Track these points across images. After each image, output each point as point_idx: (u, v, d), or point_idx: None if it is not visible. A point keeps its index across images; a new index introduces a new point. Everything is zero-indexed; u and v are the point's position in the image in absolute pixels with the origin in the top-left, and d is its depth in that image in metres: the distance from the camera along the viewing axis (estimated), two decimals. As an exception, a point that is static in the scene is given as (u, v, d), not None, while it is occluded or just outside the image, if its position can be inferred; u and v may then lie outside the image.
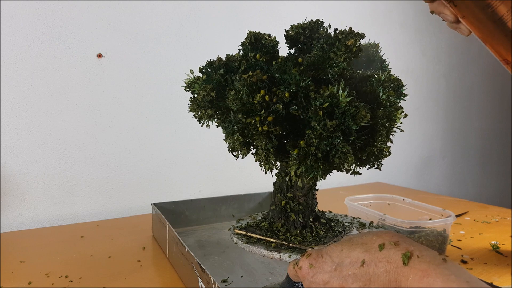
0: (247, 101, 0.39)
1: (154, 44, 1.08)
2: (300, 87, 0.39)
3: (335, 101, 0.36)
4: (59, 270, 0.65)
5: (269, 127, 0.39)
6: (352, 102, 0.36)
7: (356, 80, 0.41)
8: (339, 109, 0.36)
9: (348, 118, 0.36)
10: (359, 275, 0.33)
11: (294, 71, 0.39)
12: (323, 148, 0.38)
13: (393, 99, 0.40)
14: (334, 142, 0.37)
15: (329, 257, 0.36)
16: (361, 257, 0.34)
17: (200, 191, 1.17)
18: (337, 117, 0.37)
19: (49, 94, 0.95)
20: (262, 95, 0.39)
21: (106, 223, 0.94)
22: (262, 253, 0.45)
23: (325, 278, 0.35)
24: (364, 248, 0.35)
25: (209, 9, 1.15)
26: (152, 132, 1.09)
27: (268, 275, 0.64)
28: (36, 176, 0.95)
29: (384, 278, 0.32)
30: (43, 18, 0.93)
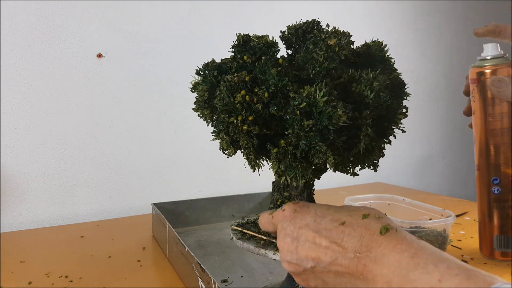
0: (228, 101, 0.41)
1: (154, 44, 1.08)
2: (279, 87, 0.40)
3: (312, 101, 0.37)
4: (59, 270, 0.65)
5: (249, 127, 0.40)
6: (329, 102, 0.36)
7: (346, 80, 0.40)
8: (316, 108, 0.37)
9: (325, 118, 0.36)
10: (334, 232, 0.34)
11: (272, 71, 0.40)
12: (302, 148, 0.38)
13: (385, 99, 0.39)
14: (312, 142, 0.38)
15: (314, 210, 0.37)
16: (343, 218, 0.35)
17: (200, 191, 1.17)
18: (314, 117, 0.37)
19: (49, 94, 0.95)
20: (243, 95, 0.40)
21: (106, 223, 0.94)
22: (250, 248, 0.45)
23: (302, 224, 0.36)
24: (348, 213, 0.35)
25: (209, 9, 1.15)
26: (152, 132, 1.09)
27: (268, 275, 0.64)
28: (36, 176, 0.95)
29: (356, 241, 0.32)
30: (43, 18, 0.93)
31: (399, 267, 0.29)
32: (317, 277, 0.35)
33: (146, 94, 1.07)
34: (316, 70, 0.40)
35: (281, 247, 0.38)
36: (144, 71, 1.07)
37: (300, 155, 0.39)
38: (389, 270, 0.29)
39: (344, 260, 0.32)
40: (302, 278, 0.37)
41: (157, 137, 1.10)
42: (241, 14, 1.20)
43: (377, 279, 0.30)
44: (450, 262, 0.28)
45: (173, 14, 1.10)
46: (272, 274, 0.64)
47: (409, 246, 0.30)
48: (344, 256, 0.32)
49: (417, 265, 0.28)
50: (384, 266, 0.30)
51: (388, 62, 0.44)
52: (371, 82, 0.38)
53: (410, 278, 0.28)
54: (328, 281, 0.34)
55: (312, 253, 0.34)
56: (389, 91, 0.40)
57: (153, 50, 1.08)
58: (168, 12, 1.09)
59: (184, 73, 1.12)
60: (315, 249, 0.34)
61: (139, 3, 1.05)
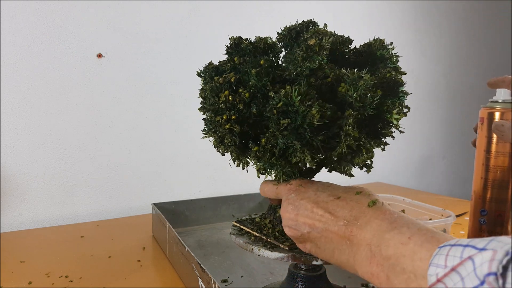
0: (213, 101, 0.43)
1: (154, 44, 1.08)
2: (258, 87, 0.41)
3: (289, 101, 0.38)
4: (59, 270, 0.65)
5: (231, 125, 0.42)
6: (304, 102, 0.37)
7: (333, 79, 0.40)
8: (292, 108, 0.38)
9: (300, 117, 0.37)
10: (330, 204, 0.39)
11: (252, 72, 0.41)
12: (280, 146, 0.40)
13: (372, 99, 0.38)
14: (288, 141, 0.39)
15: (316, 186, 0.42)
16: (339, 194, 0.40)
17: (200, 191, 1.17)
18: (290, 116, 0.38)
19: (49, 94, 0.95)
20: (226, 95, 0.42)
21: (106, 223, 0.94)
22: (240, 244, 0.47)
23: (304, 196, 0.41)
24: (344, 190, 0.41)
25: (209, 9, 1.15)
26: (152, 132, 1.09)
27: (268, 275, 0.64)
28: (36, 176, 0.95)
29: (347, 212, 0.37)
30: (43, 18, 0.93)
31: (379, 231, 0.33)
32: (312, 241, 0.40)
33: (146, 94, 1.07)
34: (297, 70, 0.40)
35: (283, 214, 0.42)
36: (144, 71, 1.07)
37: (278, 153, 0.41)
38: (371, 233, 0.34)
39: (335, 227, 0.37)
40: (299, 241, 0.41)
41: (157, 137, 1.10)
42: (241, 14, 1.20)
43: (360, 242, 0.34)
44: (421, 226, 0.32)
45: (173, 14, 1.10)
46: (272, 274, 0.64)
47: (390, 215, 0.35)
48: (335, 224, 0.37)
49: (394, 228, 0.33)
50: (367, 231, 0.34)
51: (389, 60, 0.43)
52: (356, 81, 0.38)
53: (385, 237, 0.32)
54: (320, 246, 0.39)
55: (309, 220, 0.39)
56: (382, 90, 0.40)
57: (153, 50, 1.08)
58: (168, 12, 1.09)
59: (184, 73, 1.12)
60: (311, 217, 0.39)
61: (139, 3, 1.05)
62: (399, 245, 0.31)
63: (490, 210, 0.67)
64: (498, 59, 1.99)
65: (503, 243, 0.23)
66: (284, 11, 1.28)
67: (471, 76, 1.89)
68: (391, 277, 0.31)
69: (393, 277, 0.30)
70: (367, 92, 0.38)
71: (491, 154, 0.67)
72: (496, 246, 0.23)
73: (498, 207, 0.66)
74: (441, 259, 0.26)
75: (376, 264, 0.32)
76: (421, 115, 1.70)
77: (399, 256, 0.30)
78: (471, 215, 0.70)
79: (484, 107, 0.68)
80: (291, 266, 0.50)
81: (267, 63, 0.42)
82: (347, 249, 0.36)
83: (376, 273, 0.32)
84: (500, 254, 0.22)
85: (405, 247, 0.30)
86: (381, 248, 0.32)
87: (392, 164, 1.61)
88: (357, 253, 0.35)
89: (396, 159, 1.62)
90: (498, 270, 0.21)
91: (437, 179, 1.80)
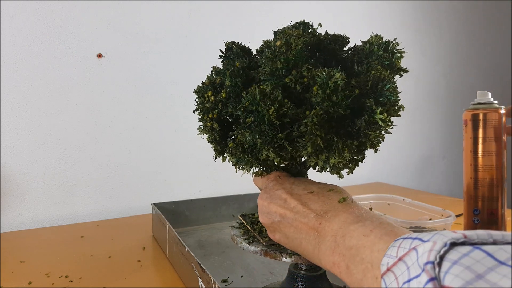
0: (200, 101, 0.47)
1: (154, 44, 1.08)
2: (232, 87, 0.45)
3: (253, 99, 0.40)
4: (59, 270, 0.65)
5: (212, 123, 0.45)
6: (265, 100, 0.40)
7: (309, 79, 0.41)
8: (256, 107, 0.40)
9: (260, 115, 0.40)
10: (303, 197, 0.41)
11: (227, 73, 0.45)
12: (249, 143, 0.42)
13: (341, 98, 0.37)
14: (254, 138, 0.41)
15: (292, 180, 0.45)
16: (313, 189, 0.42)
17: (200, 191, 1.17)
18: (254, 114, 0.41)
19: (49, 94, 0.95)
20: (208, 96, 0.46)
21: (106, 223, 0.94)
22: (230, 235, 0.50)
23: (279, 187, 0.44)
24: (318, 186, 0.43)
25: (209, 9, 1.15)
26: (152, 132, 1.09)
27: (268, 275, 0.64)
28: (36, 176, 0.95)
29: (318, 206, 0.39)
30: (43, 18, 0.93)
31: (345, 223, 0.36)
32: (281, 230, 0.42)
33: (146, 94, 1.07)
34: (267, 70, 0.42)
35: (259, 201, 0.45)
36: (144, 71, 1.07)
37: (248, 150, 0.43)
38: (337, 225, 0.36)
39: (305, 219, 0.39)
40: (270, 230, 0.44)
41: (157, 137, 1.10)
42: (241, 15, 1.20)
43: (327, 233, 0.36)
44: (383, 221, 0.34)
45: (173, 14, 1.10)
46: (272, 274, 0.64)
47: (358, 210, 0.37)
48: (305, 215, 0.39)
49: (358, 221, 0.35)
50: (335, 223, 0.36)
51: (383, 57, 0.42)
52: (326, 80, 0.37)
53: (349, 228, 0.34)
54: (289, 235, 0.41)
55: (281, 209, 0.42)
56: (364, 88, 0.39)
57: (153, 50, 1.08)
58: (168, 12, 1.09)
59: (184, 73, 1.12)
60: (284, 206, 0.41)
61: (139, 3, 1.05)
62: (361, 237, 0.33)
63: (483, 209, 0.69)
64: (498, 59, 1.98)
65: (444, 236, 0.24)
66: (284, 11, 1.28)
67: (471, 76, 1.89)
68: (351, 266, 0.32)
69: (352, 267, 0.32)
70: (338, 92, 0.37)
71: (477, 154, 0.69)
72: (437, 238, 0.25)
73: (490, 205, 0.68)
74: (393, 251, 0.28)
75: (338, 254, 0.34)
76: (421, 115, 1.70)
77: (360, 247, 0.32)
78: (465, 215, 0.71)
79: (467, 109, 0.72)
80: (291, 266, 0.50)
81: (242, 65, 0.45)
82: (314, 240, 0.38)
83: (337, 262, 0.34)
84: (438, 245, 0.24)
85: (366, 239, 0.32)
86: (345, 238, 0.34)
87: (392, 164, 1.61)
88: (322, 243, 0.37)
89: (396, 159, 1.62)
90: (435, 259, 0.23)
91: (437, 179, 1.80)
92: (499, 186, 0.68)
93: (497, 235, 0.24)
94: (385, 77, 0.40)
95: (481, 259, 0.22)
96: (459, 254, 0.23)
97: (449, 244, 0.23)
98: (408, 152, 1.67)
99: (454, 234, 0.24)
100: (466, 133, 0.71)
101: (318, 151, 0.39)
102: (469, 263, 0.22)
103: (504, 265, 0.21)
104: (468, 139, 0.71)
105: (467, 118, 0.71)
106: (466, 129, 0.71)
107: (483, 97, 0.70)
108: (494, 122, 0.67)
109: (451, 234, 0.24)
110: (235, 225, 0.53)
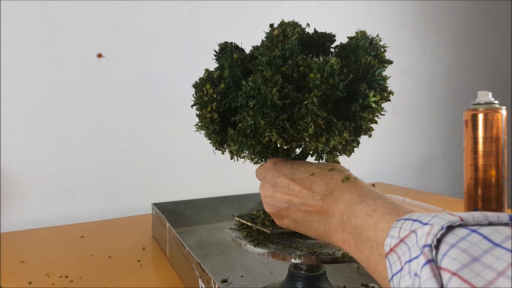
0: (199, 95, 0.48)
1: (154, 44, 1.08)
2: (231, 77, 0.46)
3: (255, 85, 0.42)
4: (59, 270, 0.65)
5: (211, 114, 0.46)
6: (267, 83, 0.41)
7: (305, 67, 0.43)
8: (258, 91, 0.42)
9: (262, 97, 0.41)
10: (305, 181, 0.42)
11: (226, 64, 0.46)
12: (251, 128, 0.43)
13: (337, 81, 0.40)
14: (256, 121, 0.42)
15: (290, 164, 0.45)
16: (313, 170, 0.42)
17: (200, 191, 1.17)
18: (256, 98, 0.42)
19: (49, 94, 0.95)
20: (207, 89, 0.47)
21: (106, 223, 0.94)
22: (232, 238, 0.50)
23: (279, 174, 0.44)
24: (318, 167, 0.43)
25: (209, 9, 1.15)
26: (152, 132, 1.09)
27: (268, 275, 0.64)
28: (36, 176, 0.95)
29: (323, 187, 0.40)
30: (43, 18, 0.93)
31: (349, 203, 0.36)
32: (289, 216, 0.43)
33: (146, 94, 1.07)
34: (265, 59, 0.44)
35: (261, 192, 0.45)
36: (144, 71, 1.07)
37: (250, 134, 0.44)
38: (343, 205, 0.37)
39: (312, 202, 0.40)
40: (277, 218, 0.44)
41: (157, 137, 1.10)
42: (241, 15, 1.20)
43: (334, 213, 0.38)
44: (385, 199, 0.35)
45: (173, 14, 1.10)
46: (272, 274, 0.64)
47: (361, 188, 0.38)
48: (312, 198, 0.40)
49: (362, 200, 0.36)
50: (341, 203, 0.37)
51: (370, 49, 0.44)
52: (322, 65, 0.40)
53: (354, 209, 0.35)
54: (298, 220, 0.42)
55: (286, 196, 0.42)
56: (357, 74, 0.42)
57: (153, 50, 1.08)
58: (168, 12, 1.09)
59: (184, 73, 1.12)
60: (289, 193, 0.42)
61: (139, 3, 1.05)
62: (365, 217, 0.34)
63: (483, 209, 0.69)
64: (498, 59, 1.98)
65: (441, 219, 0.25)
66: (284, 11, 1.28)
67: (471, 76, 1.89)
68: (359, 244, 0.34)
69: (360, 244, 0.34)
70: (334, 75, 0.40)
71: (478, 154, 0.70)
72: (435, 221, 0.26)
73: (490, 205, 0.69)
74: (395, 231, 0.29)
75: (347, 233, 0.36)
76: (421, 115, 1.70)
77: (365, 226, 0.33)
78: None
79: (468, 109, 0.72)
80: (291, 266, 0.50)
81: (240, 56, 0.47)
82: (324, 220, 0.39)
83: (347, 240, 0.36)
84: (435, 229, 0.25)
85: (370, 218, 0.33)
86: (351, 218, 0.35)
87: (392, 164, 1.61)
88: (332, 223, 0.38)
89: (396, 159, 1.62)
90: (432, 243, 0.24)
91: (437, 179, 1.80)
92: (499, 186, 0.68)
93: (492, 216, 0.25)
94: (374, 64, 0.42)
95: (477, 242, 0.23)
96: (456, 238, 0.23)
97: (445, 228, 0.24)
98: (408, 152, 1.67)
99: (451, 217, 0.25)
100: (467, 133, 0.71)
101: (318, 133, 0.41)
102: (465, 246, 0.23)
103: (499, 247, 0.22)
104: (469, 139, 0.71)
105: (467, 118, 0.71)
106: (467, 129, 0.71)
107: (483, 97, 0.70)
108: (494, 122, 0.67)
109: (448, 217, 0.25)
110: (234, 227, 0.53)
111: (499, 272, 0.20)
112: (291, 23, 0.45)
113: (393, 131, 1.57)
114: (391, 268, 0.28)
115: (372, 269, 0.33)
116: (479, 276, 0.21)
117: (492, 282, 0.20)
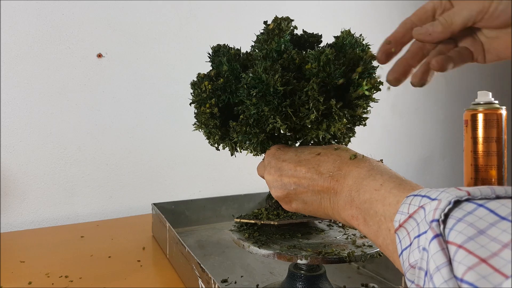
0: (197, 93, 0.48)
1: (154, 44, 1.08)
2: (230, 71, 0.47)
3: (256, 75, 0.43)
4: (59, 270, 0.65)
5: (211, 109, 0.47)
6: (268, 72, 0.42)
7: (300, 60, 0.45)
8: (260, 80, 0.43)
9: (265, 85, 0.42)
10: (312, 161, 0.42)
11: (224, 59, 0.48)
12: (254, 117, 0.44)
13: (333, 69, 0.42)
14: (259, 109, 0.43)
15: (294, 148, 0.45)
16: (319, 151, 0.43)
17: (200, 191, 1.17)
18: (258, 86, 0.43)
19: (49, 94, 0.95)
20: (205, 85, 0.48)
21: (106, 223, 0.94)
22: (234, 239, 0.49)
23: (284, 158, 0.44)
24: (323, 148, 0.44)
25: (209, 9, 1.15)
26: (152, 132, 1.09)
27: (268, 275, 0.64)
28: (36, 176, 0.95)
29: (330, 165, 0.40)
30: (43, 18, 0.93)
31: (358, 178, 0.37)
32: (298, 198, 0.43)
33: (146, 94, 1.07)
34: (262, 52, 0.45)
35: (267, 177, 0.45)
36: (144, 71, 1.07)
37: (253, 123, 0.45)
38: (352, 180, 0.38)
39: (320, 180, 0.40)
40: (285, 201, 0.44)
41: (157, 137, 1.10)
42: (241, 15, 1.20)
43: (343, 189, 0.38)
44: (392, 174, 0.36)
45: (173, 14, 1.10)
46: (272, 274, 0.64)
47: (369, 164, 0.38)
48: (320, 177, 0.40)
49: (370, 175, 0.36)
50: (350, 178, 0.38)
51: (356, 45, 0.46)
52: (318, 55, 0.42)
53: (363, 184, 0.36)
54: (306, 200, 0.42)
55: (294, 178, 0.42)
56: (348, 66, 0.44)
57: (153, 50, 1.08)
58: (168, 12, 1.09)
59: (184, 73, 1.12)
60: (296, 175, 0.42)
61: (139, 3, 1.05)
62: (373, 191, 0.35)
63: None
64: (498, 59, 1.98)
65: (449, 194, 0.26)
66: (284, 11, 1.28)
67: (471, 76, 1.88)
68: (367, 218, 0.34)
69: (368, 219, 0.34)
70: (330, 64, 0.42)
71: (478, 154, 0.70)
72: (443, 196, 0.26)
73: None
74: (405, 207, 0.29)
75: (355, 208, 0.36)
76: (421, 115, 1.70)
77: (373, 200, 0.34)
78: None
79: (468, 109, 0.72)
80: (291, 266, 0.50)
81: (237, 52, 0.49)
82: (333, 197, 0.39)
83: (356, 215, 0.36)
84: (443, 204, 0.25)
85: (377, 193, 0.34)
86: (360, 193, 0.36)
87: (392, 164, 1.60)
88: (340, 199, 0.38)
89: (396, 159, 1.62)
90: (440, 217, 0.24)
91: (437, 179, 1.80)
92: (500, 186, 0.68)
93: (500, 190, 0.25)
94: (362, 56, 0.44)
95: (484, 215, 0.23)
96: (463, 212, 0.24)
97: (453, 202, 0.25)
98: (408, 152, 1.67)
99: (459, 192, 0.26)
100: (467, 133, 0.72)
101: (319, 119, 0.43)
102: (472, 220, 0.23)
103: (505, 220, 0.22)
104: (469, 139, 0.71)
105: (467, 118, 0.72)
106: (467, 129, 0.72)
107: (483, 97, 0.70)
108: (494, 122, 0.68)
109: (455, 192, 0.26)
110: (234, 228, 0.52)
111: (504, 243, 0.21)
112: (285, 18, 0.47)
113: (393, 131, 1.57)
114: (400, 244, 0.28)
115: (380, 243, 0.33)
116: (484, 248, 0.21)
117: (497, 253, 0.21)
